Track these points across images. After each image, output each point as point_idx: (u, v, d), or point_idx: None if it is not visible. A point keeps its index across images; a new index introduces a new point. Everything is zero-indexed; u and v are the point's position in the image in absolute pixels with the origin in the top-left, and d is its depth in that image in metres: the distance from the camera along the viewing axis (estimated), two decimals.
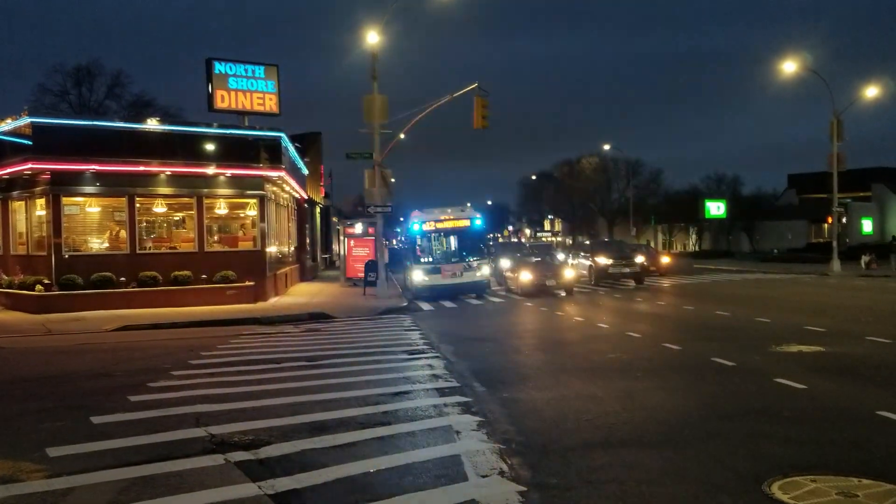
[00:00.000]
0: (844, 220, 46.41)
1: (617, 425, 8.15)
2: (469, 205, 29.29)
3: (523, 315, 21.63)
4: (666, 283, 33.45)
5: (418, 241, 27.80)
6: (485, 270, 27.00)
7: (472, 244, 27.73)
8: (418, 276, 26.41)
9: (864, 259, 41.14)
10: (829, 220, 42.49)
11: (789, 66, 37.75)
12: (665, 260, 40.77)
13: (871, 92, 38.74)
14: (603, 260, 32.22)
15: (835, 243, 39.92)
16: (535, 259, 31.09)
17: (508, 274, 29.18)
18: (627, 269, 31.91)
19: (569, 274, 27.99)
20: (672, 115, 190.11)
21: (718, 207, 65.65)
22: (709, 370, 11.39)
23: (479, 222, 28.06)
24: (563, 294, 27.22)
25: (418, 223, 27.54)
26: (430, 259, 27.26)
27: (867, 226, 68.50)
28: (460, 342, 15.37)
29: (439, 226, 27.75)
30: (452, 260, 27.11)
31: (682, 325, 17.63)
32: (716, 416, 8.48)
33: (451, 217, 27.84)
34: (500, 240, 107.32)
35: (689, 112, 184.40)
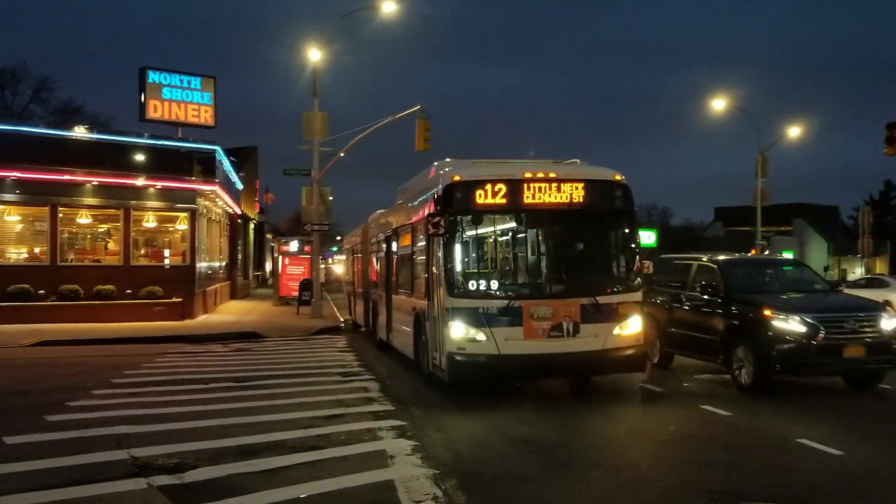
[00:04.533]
0: (767, 252, 48.08)
1: (553, 449, 8.16)
2: (578, 161, 12.71)
3: None
4: None
5: (456, 240, 11.00)
6: (635, 323, 11.20)
7: (599, 252, 12.18)
8: (457, 330, 10.71)
9: None
10: (753, 252, 44.00)
11: (719, 104, 39.13)
12: None
13: (794, 132, 40.44)
14: None
15: None
16: None
17: None
18: None
19: None
20: (609, 147, 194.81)
21: (650, 237, 67.15)
22: (637, 396, 11.63)
23: (619, 196, 11.63)
24: None
25: (461, 191, 11.10)
26: (492, 287, 10.99)
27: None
28: (394, 363, 15.20)
29: (522, 200, 11.18)
30: (552, 289, 11.19)
31: None
32: (648, 442, 8.58)
33: (551, 178, 11.24)
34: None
35: (627, 144, 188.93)
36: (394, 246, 15.56)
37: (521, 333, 10.62)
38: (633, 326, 11.19)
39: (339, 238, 55.78)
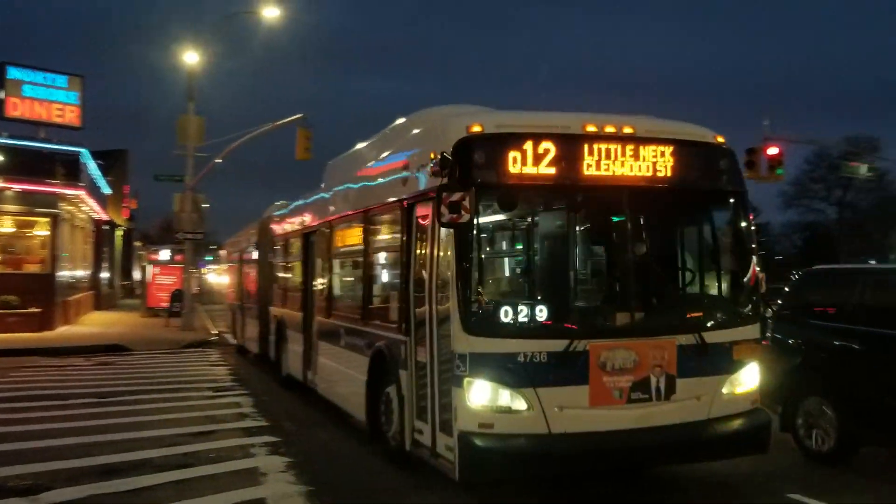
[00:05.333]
0: None
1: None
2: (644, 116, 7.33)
3: None
4: None
5: (473, 235, 6.21)
6: (751, 374, 6.87)
7: (698, 257, 7.55)
8: (480, 393, 6.00)
9: None
10: None
11: None
12: None
13: None
14: None
15: None
16: None
17: None
18: None
19: None
20: None
21: None
22: None
23: (725, 168, 7.05)
24: None
25: (484, 149, 6.30)
26: (537, 316, 6.26)
27: None
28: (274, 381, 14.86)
29: (581, 170, 6.46)
30: (634, 320, 6.45)
31: None
32: None
33: (626, 135, 6.63)
34: None
35: None
36: (325, 246, 10.90)
37: (585, 397, 6.18)
38: (749, 380, 6.87)
39: (213, 247, 53.97)
